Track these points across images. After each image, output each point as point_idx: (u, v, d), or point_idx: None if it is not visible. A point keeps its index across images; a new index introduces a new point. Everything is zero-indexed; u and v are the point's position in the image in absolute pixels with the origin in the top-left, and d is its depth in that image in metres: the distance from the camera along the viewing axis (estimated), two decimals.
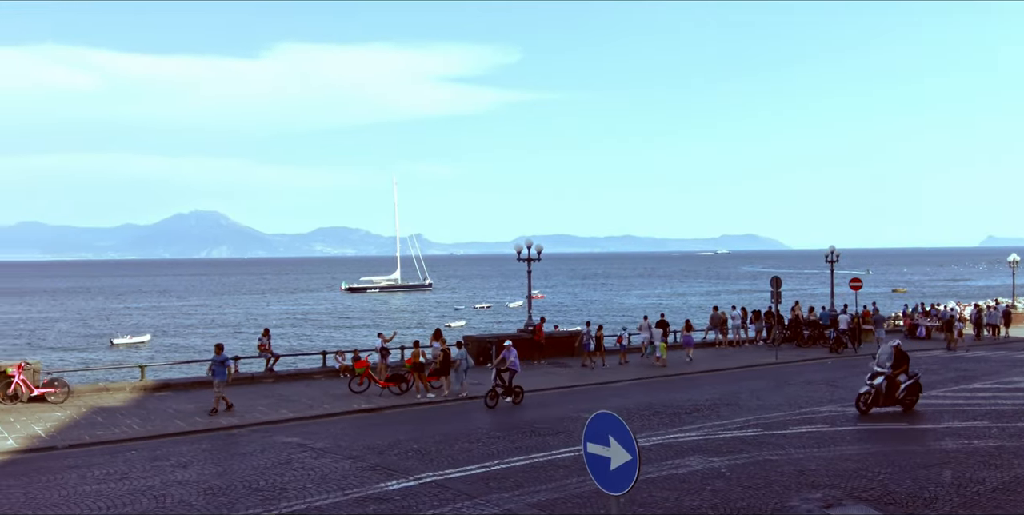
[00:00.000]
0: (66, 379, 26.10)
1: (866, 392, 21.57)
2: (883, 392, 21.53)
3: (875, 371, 21.88)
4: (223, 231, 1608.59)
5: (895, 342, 22.53)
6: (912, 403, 22.22)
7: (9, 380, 24.19)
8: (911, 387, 22.15)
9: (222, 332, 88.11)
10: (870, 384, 21.59)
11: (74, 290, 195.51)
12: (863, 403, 21.52)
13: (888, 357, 22.02)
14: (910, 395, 22.13)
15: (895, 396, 21.78)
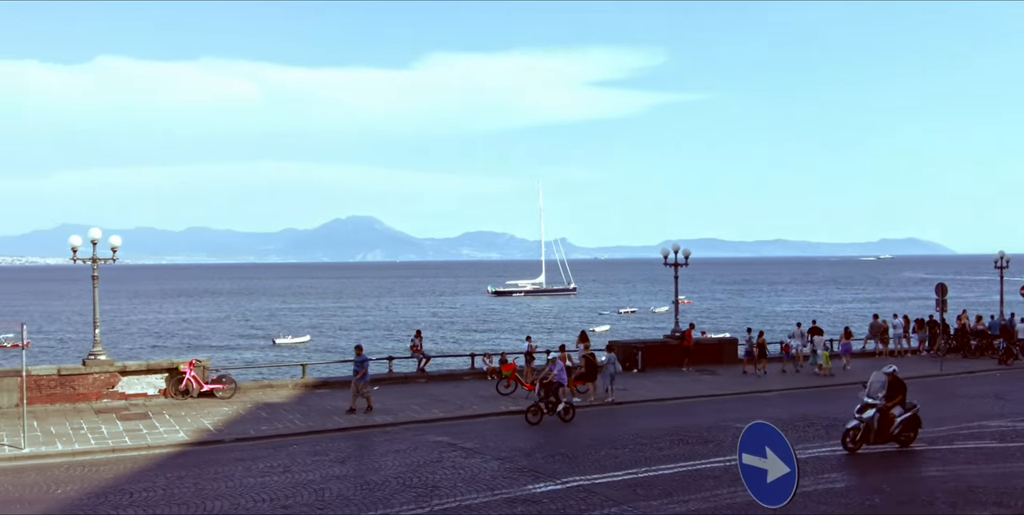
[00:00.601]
0: (232, 376, 27.65)
1: (854, 427, 18.40)
2: (875, 427, 18.33)
3: (865, 402, 18.64)
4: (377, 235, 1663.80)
5: (890, 368, 19.32)
6: (909, 439, 18.96)
7: (181, 376, 25.84)
8: (908, 421, 18.90)
9: (375, 333, 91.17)
10: (859, 418, 18.41)
11: (239, 292, 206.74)
12: (851, 440, 18.36)
13: (881, 386, 18.86)
14: (907, 430, 18.90)
15: (889, 431, 18.58)
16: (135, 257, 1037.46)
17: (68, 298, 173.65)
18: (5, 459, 18.32)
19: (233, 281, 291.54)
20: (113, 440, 19.99)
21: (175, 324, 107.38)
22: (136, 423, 21.86)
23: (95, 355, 25.14)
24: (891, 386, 18.92)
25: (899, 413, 18.82)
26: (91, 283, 25.70)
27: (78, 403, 24.30)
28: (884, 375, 19.14)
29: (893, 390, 18.90)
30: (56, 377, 24.31)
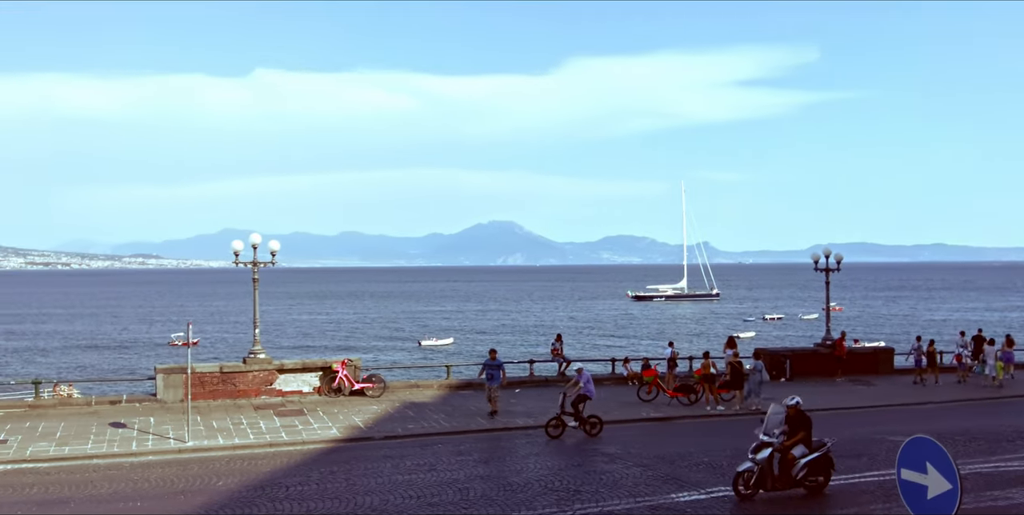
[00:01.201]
0: (381, 375, 28.54)
1: (747, 470, 15.34)
2: (773, 470, 15.39)
3: (761, 441, 15.67)
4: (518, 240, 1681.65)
5: (792, 400, 15.98)
6: (819, 485, 15.81)
7: (334, 375, 26.88)
8: (815, 463, 15.64)
9: (515, 336, 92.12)
10: (753, 459, 15.39)
11: (386, 294, 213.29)
12: (743, 485, 15.38)
13: (779, 422, 15.94)
14: (814, 474, 15.72)
15: (791, 476, 15.50)
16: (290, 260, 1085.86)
17: (228, 299, 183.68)
18: (171, 452, 19.53)
19: (381, 284, 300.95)
20: (270, 435, 20.99)
21: (327, 324, 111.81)
22: (292, 419, 22.88)
23: (255, 354, 26.48)
24: (792, 421, 15.79)
25: (801, 453, 15.63)
26: (251, 285, 27.10)
27: (238, 399, 25.65)
28: (783, 407, 16.12)
29: (795, 426, 15.75)
30: (218, 374, 25.75)
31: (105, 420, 22.47)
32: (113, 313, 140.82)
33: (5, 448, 19.35)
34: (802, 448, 15.68)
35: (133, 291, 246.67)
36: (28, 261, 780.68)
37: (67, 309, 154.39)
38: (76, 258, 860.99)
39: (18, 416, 23.15)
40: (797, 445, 15.66)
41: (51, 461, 18.51)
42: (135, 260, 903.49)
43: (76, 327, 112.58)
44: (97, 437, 20.56)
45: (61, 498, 15.65)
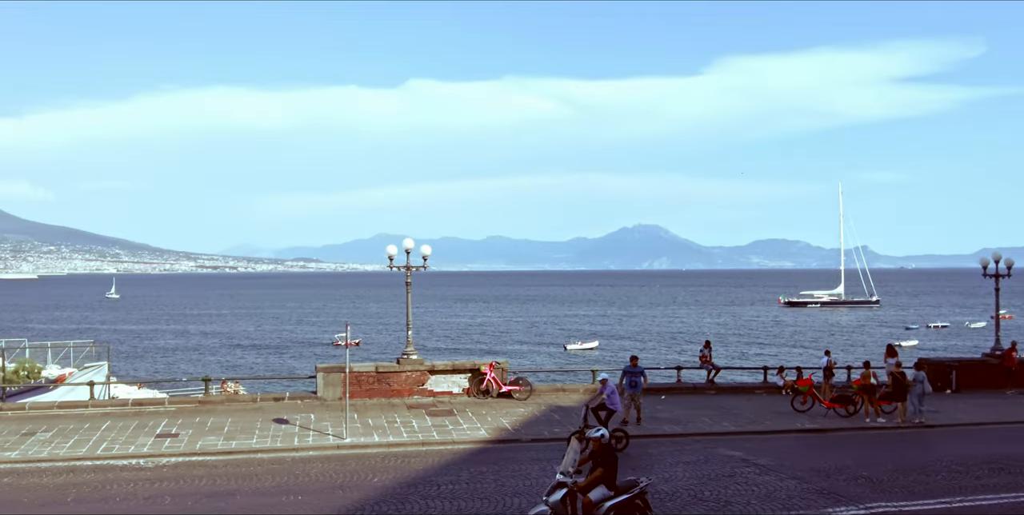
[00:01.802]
0: (528, 378, 28.80)
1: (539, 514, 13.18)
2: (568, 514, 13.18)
3: (557, 480, 13.35)
4: (663, 244, 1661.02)
5: (598, 432, 13.70)
6: None
7: (482, 377, 27.35)
8: (623, 508, 13.21)
9: (661, 342, 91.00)
10: (546, 501, 13.19)
11: (531, 298, 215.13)
12: None
13: (574, 460, 13.56)
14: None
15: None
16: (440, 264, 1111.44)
17: (381, 301, 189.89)
18: (330, 448, 20.37)
19: (526, 288, 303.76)
20: (423, 434, 21.57)
21: (474, 327, 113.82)
22: (443, 419, 23.43)
23: (408, 355, 27.28)
24: (594, 457, 13.60)
25: (602, 496, 13.21)
26: (404, 288, 27.95)
27: (392, 398, 26.49)
28: (580, 442, 14.08)
29: (596, 462, 13.49)
30: (374, 374, 26.67)
31: (269, 416, 23.67)
32: (275, 314, 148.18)
33: (177, 441, 20.69)
34: (603, 489, 13.32)
35: (294, 293, 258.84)
36: (198, 264, 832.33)
37: (233, 310, 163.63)
38: (242, 262, 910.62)
39: (189, 411, 24.70)
40: (596, 486, 13.31)
41: (219, 455, 19.66)
42: (296, 264, 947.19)
43: (241, 327, 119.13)
44: (262, 432, 21.69)
45: (228, 490, 16.59)
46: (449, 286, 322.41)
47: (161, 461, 19.02)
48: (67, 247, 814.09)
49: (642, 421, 23.55)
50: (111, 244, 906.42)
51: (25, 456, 19.27)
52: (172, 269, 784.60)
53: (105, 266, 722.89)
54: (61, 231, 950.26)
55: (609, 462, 13.40)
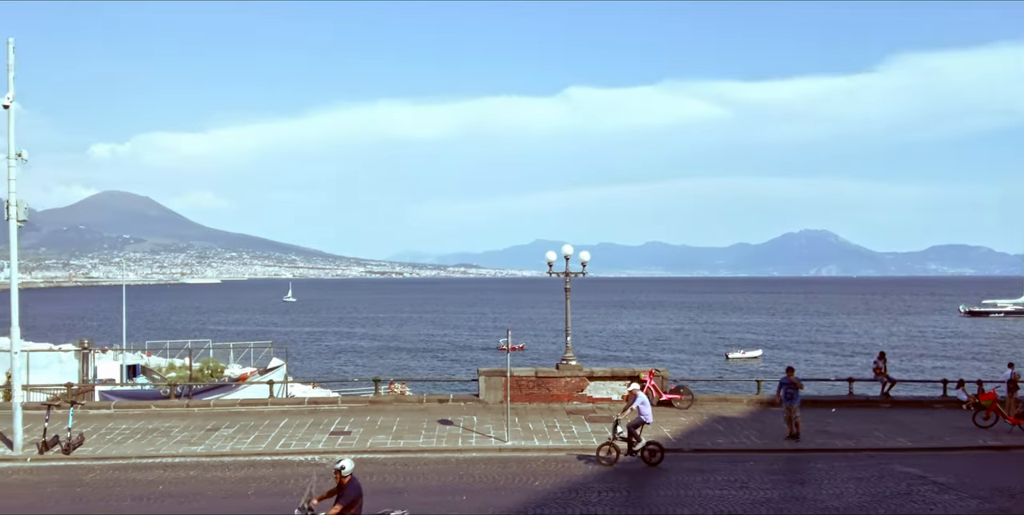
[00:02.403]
0: (689, 387, 28.33)
1: None
2: None
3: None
4: (832, 249, 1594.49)
5: (338, 464, 12.72)
6: None
7: (642, 384, 27.10)
8: None
9: (829, 352, 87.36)
10: None
11: (690, 305, 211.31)
12: None
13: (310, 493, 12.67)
14: None
15: None
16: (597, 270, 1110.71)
17: (539, 306, 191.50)
18: (492, 450, 20.77)
19: (684, 294, 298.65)
20: (582, 440, 21.65)
21: (632, 334, 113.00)
22: (602, 426, 23.41)
23: (567, 360, 27.44)
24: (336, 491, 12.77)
25: None
26: (563, 294, 28.13)
27: (551, 403, 26.70)
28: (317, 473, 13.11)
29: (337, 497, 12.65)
30: (534, 378, 26.98)
31: (434, 417, 24.38)
32: (438, 318, 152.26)
33: (349, 439, 21.64)
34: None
35: (455, 298, 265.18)
36: (367, 270, 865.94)
37: (399, 314, 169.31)
38: (408, 267, 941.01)
39: (360, 410, 25.76)
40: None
41: (388, 453, 20.43)
42: (458, 269, 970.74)
43: (406, 330, 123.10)
44: (428, 433, 22.37)
45: (397, 488, 17.22)
46: (607, 292, 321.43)
47: (335, 458, 19.92)
48: (248, 253, 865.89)
49: (800, 436, 22.46)
50: (287, 250, 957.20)
51: (210, 450, 20.67)
52: (343, 274, 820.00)
53: (282, 271, 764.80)
54: (242, 238, 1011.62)
55: (350, 497, 12.64)
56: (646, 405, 19.55)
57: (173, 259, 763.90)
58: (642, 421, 19.42)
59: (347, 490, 12.63)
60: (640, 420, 19.41)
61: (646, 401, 19.65)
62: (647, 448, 19.28)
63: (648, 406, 19.66)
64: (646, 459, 19.23)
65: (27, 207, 21.05)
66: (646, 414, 19.47)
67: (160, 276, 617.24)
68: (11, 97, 20.35)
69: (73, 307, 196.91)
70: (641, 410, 19.47)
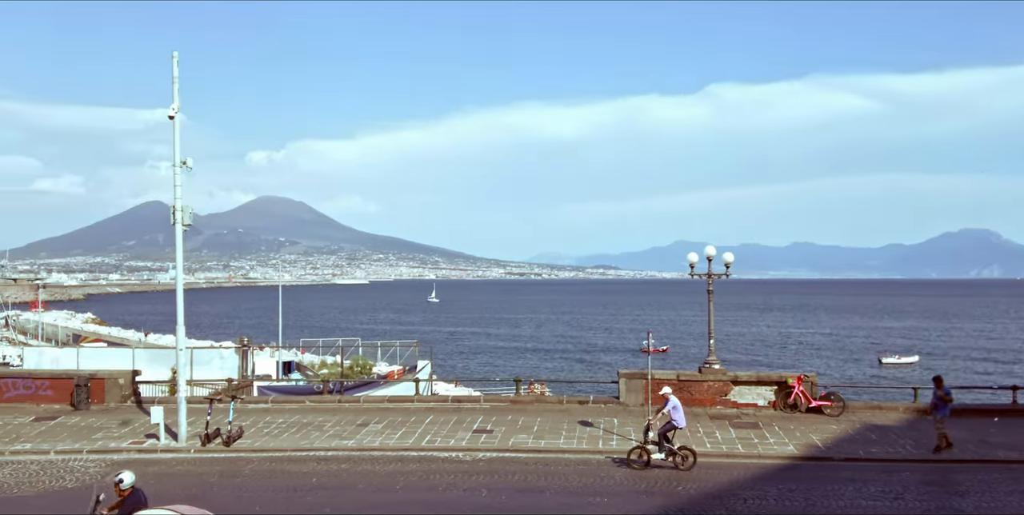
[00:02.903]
0: (840, 393, 27.27)
1: None
2: None
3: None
4: (994, 250, 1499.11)
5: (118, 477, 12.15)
6: None
7: (789, 390, 26.28)
8: None
9: (992, 358, 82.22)
10: None
11: (839, 308, 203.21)
12: None
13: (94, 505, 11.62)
14: None
15: None
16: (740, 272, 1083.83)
17: (679, 309, 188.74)
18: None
19: (833, 297, 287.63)
20: (726, 446, 21.21)
21: (778, 337, 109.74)
22: (747, 432, 22.88)
23: (710, 364, 26.94)
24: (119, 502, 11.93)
25: None
26: (705, 296, 27.64)
27: (694, 407, 26.25)
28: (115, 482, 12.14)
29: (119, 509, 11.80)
30: (676, 382, 26.58)
31: (574, 418, 24.44)
32: (576, 320, 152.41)
33: (491, 437, 21.98)
34: None
35: (594, 300, 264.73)
36: (507, 271, 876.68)
37: (538, 314, 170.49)
38: (546, 269, 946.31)
39: (501, 409, 26.11)
40: None
41: (529, 452, 20.63)
42: (596, 271, 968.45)
43: (545, 331, 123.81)
44: (568, 433, 22.46)
45: (538, 487, 17.37)
46: (750, 294, 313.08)
47: (477, 455, 20.31)
48: (394, 255, 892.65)
49: (950, 447, 21.00)
50: (431, 252, 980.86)
51: (360, 445, 21.44)
52: (484, 275, 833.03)
53: (426, 272, 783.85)
54: (389, 241, 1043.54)
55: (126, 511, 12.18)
56: (678, 410, 19.41)
57: (325, 261, 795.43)
58: (673, 426, 19.31)
59: (126, 504, 12.41)
60: (671, 425, 19.30)
61: (678, 406, 19.51)
62: (679, 453, 19.10)
63: (680, 411, 19.49)
64: (676, 464, 19.03)
65: (191, 212, 22.42)
66: (677, 419, 19.34)
67: (312, 277, 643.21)
68: (176, 108, 21.77)
69: (233, 306, 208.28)
70: (673, 415, 19.36)
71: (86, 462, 20.16)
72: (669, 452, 19.14)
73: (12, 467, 19.65)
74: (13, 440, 22.12)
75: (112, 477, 12.73)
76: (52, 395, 26.96)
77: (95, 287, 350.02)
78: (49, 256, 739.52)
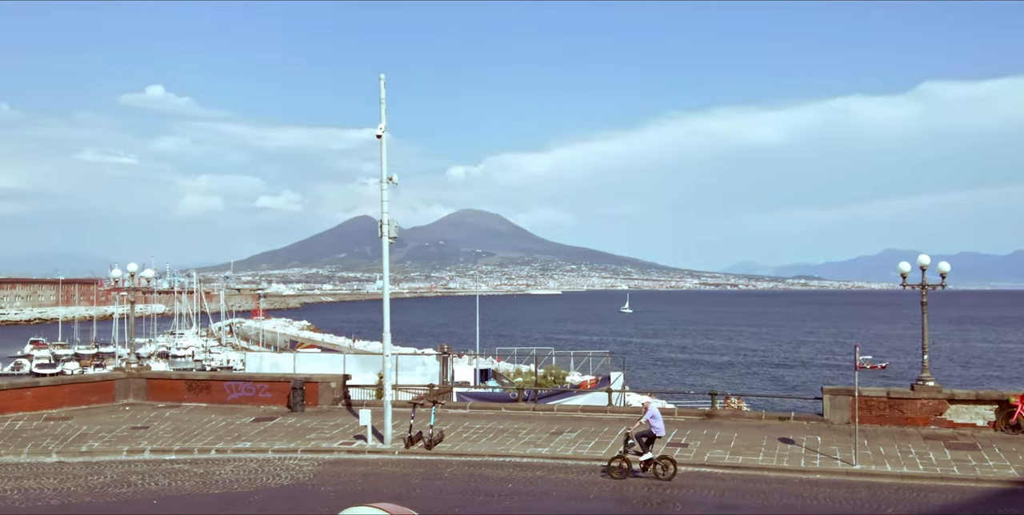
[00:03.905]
0: None
1: None
2: None
3: None
4: None
5: None
6: None
7: (1012, 410, 24.23)
8: None
9: None
10: None
11: None
12: None
13: None
14: None
15: None
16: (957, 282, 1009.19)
17: (889, 322, 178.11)
18: (838, 473, 19.68)
19: None
20: (941, 468, 19.83)
21: (999, 353, 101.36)
22: (964, 453, 21.29)
23: (923, 381, 25.29)
24: None
25: None
26: (918, 308, 25.99)
27: (905, 426, 24.73)
28: None
29: None
30: (885, 399, 25.17)
31: (774, 435, 23.62)
32: (775, 332, 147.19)
33: (686, 451, 21.62)
34: None
35: (794, 312, 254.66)
36: (701, 282, 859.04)
37: (734, 327, 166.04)
38: (743, 279, 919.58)
39: (696, 423, 25.63)
40: None
41: (726, 468, 20.13)
42: (797, 282, 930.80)
43: (742, 343, 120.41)
44: (767, 450, 21.73)
45: (735, 504, 16.93)
46: (969, 307, 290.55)
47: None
48: (586, 266, 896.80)
49: None
50: (623, 263, 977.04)
51: (554, 453, 21.70)
52: (677, 286, 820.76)
53: (617, 283, 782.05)
54: (581, 251, 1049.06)
55: None
56: (657, 419, 19.35)
57: (519, 271, 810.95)
58: (653, 435, 19.31)
59: None
60: (651, 433, 19.26)
61: (657, 415, 19.44)
62: (659, 463, 19.10)
63: (659, 420, 19.40)
64: (656, 474, 19.01)
65: (397, 225, 23.58)
66: (657, 427, 19.31)
67: (508, 287, 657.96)
68: (383, 128, 23.01)
69: (433, 315, 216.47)
70: (652, 423, 19.29)
71: (300, 461, 21.56)
72: (648, 462, 19.17)
73: (234, 464, 21.32)
74: (235, 439, 24.00)
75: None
76: (271, 397, 29.05)
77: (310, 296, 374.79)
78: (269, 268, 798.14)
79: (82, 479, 19.55)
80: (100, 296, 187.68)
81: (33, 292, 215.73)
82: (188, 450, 22.77)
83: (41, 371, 74.81)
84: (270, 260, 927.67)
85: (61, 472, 20.39)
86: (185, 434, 24.52)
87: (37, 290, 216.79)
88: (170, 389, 30.17)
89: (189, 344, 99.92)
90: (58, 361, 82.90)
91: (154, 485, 18.95)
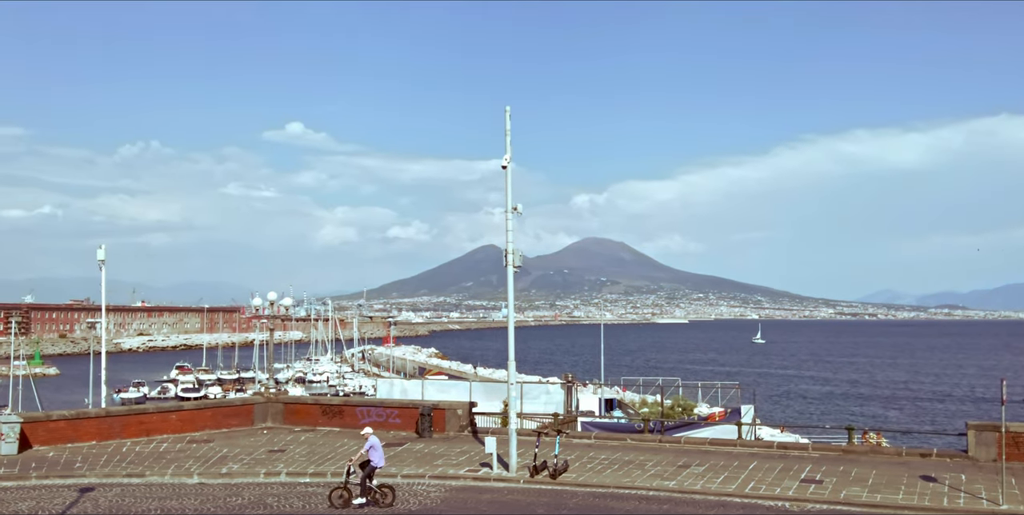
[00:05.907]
0: None
1: None
2: None
3: None
4: None
5: None
6: None
7: None
8: None
9: None
10: None
11: None
12: None
13: None
14: None
15: None
16: None
17: None
18: (984, 513, 18.58)
19: None
20: None
21: None
22: None
23: None
24: None
25: None
26: None
27: None
28: None
29: None
30: None
31: (915, 472, 22.52)
32: (917, 364, 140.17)
33: (821, 488, 20.85)
34: None
35: (938, 343, 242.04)
36: (837, 311, 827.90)
37: (872, 359, 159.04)
38: (882, 309, 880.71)
39: (831, 459, 24.69)
40: None
41: (863, 507, 19.29)
42: (940, 311, 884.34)
43: (881, 376, 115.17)
44: (908, 489, 20.73)
45: None
46: None
47: (806, 506, 19.37)
48: (714, 294, 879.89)
49: None
50: (753, 291, 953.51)
51: (681, 486, 21.31)
52: (811, 316, 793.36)
53: (747, 312, 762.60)
54: (709, 280, 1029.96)
55: None
56: (376, 450, 19.93)
57: (645, 300, 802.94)
58: (372, 466, 19.82)
59: None
60: (371, 465, 19.78)
61: (377, 446, 20.01)
62: (379, 491, 19.60)
63: (379, 451, 19.99)
64: (376, 501, 19.44)
65: (521, 254, 23.91)
66: (375, 459, 19.89)
67: (633, 316, 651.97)
68: (508, 159, 23.46)
69: (558, 343, 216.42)
70: (371, 454, 19.86)
71: (428, 486, 21.94)
72: (367, 490, 19.50)
73: None
74: None
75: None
76: (400, 422, 29.73)
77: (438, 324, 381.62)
78: (399, 296, 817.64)
79: (221, 500, 20.44)
80: (242, 323, 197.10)
81: (180, 319, 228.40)
82: (321, 473, 23.53)
83: (186, 395, 78.97)
84: (400, 289, 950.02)
85: (202, 493, 21.39)
86: (319, 458, 25.37)
87: (183, 318, 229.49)
88: (306, 414, 31.31)
89: (324, 370, 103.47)
90: (201, 386, 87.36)
91: (288, 507, 19.66)
